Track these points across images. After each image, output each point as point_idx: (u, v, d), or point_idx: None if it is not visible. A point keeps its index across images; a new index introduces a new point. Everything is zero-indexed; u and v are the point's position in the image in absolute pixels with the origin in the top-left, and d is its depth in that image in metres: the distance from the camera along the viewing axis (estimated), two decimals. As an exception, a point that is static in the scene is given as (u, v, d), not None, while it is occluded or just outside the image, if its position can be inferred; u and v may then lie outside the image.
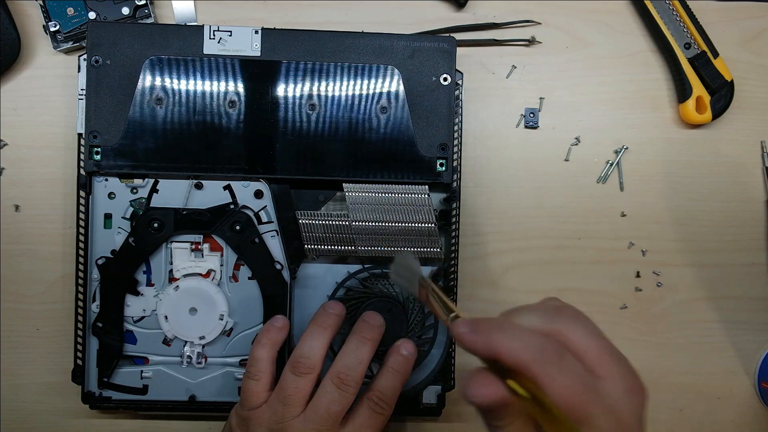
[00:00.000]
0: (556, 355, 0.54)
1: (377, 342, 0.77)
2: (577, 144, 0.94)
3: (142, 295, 0.86)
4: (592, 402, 0.53)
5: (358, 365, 0.74)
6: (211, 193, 0.85)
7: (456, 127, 0.85)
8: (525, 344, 0.54)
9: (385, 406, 0.74)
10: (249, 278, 0.86)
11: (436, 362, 0.86)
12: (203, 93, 0.83)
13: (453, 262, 0.86)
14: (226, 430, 0.79)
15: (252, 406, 0.75)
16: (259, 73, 0.84)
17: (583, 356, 0.55)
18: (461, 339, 0.56)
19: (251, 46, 0.84)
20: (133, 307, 0.85)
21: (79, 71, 0.83)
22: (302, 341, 0.77)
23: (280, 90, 0.84)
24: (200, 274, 0.86)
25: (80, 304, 0.84)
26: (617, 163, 0.94)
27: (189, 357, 0.85)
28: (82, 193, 0.84)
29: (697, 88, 0.92)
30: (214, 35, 0.83)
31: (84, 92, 0.83)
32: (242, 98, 0.83)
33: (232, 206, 0.85)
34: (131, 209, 0.85)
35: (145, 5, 0.88)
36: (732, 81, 0.93)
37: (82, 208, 0.84)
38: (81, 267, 0.84)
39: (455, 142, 0.85)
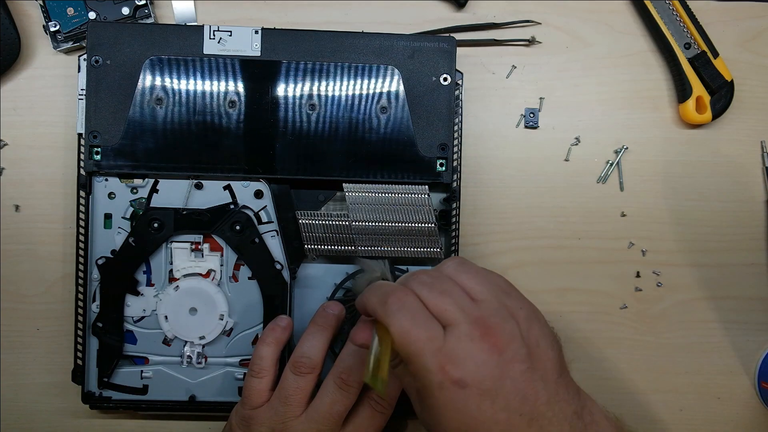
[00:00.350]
0: (397, 297, 0.64)
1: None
2: (577, 144, 0.94)
3: (142, 295, 0.86)
4: (420, 338, 0.62)
5: (359, 366, 0.74)
6: (211, 193, 0.85)
7: (456, 127, 0.85)
8: (375, 294, 0.66)
9: (386, 405, 0.75)
10: (249, 278, 0.86)
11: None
12: (203, 93, 0.83)
13: (453, 262, 0.86)
14: (227, 430, 0.79)
15: (254, 405, 0.75)
16: (259, 73, 0.84)
17: (432, 311, 0.64)
18: (356, 305, 0.70)
19: (251, 46, 0.84)
20: (133, 307, 0.85)
21: (79, 71, 0.84)
22: (302, 341, 0.77)
23: (280, 90, 0.84)
24: (200, 274, 0.86)
25: (80, 304, 0.84)
26: (617, 163, 0.94)
27: (189, 357, 0.85)
28: (82, 193, 0.84)
29: (697, 88, 0.92)
30: (214, 35, 0.84)
31: (84, 92, 0.83)
32: (242, 98, 0.83)
33: (232, 206, 0.85)
34: (131, 209, 0.85)
35: (145, 5, 0.88)
36: (732, 81, 0.93)
37: (82, 208, 0.84)
38: (81, 267, 0.84)
39: (455, 142, 0.85)
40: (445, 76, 0.84)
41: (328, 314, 0.79)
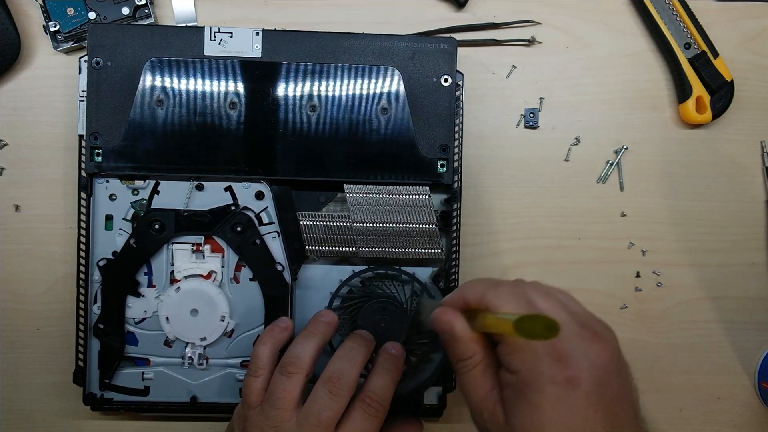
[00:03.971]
0: (509, 286, 0.65)
1: (369, 352, 0.77)
2: (577, 144, 0.94)
3: (143, 296, 0.86)
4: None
5: (350, 369, 0.73)
6: (212, 195, 0.85)
7: (456, 128, 0.85)
8: (482, 282, 0.67)
9: (378, 407, 0.73)
10: (250, 279, 0.86)
11: (437, 363, 0.86)
12: (204, 94, 0.83)
13: (454, 262, 0.86)
14: (229, 429, 0.79)
15: (250, 404, 0.74)
16: (259, 75, 0.84)
17: (540, 309, 0.63)
18: (445, 303, 0.69)
19: (252, 48, 0.84)
20: (135, 308, 0.85)
21: (79, 73, 0.83)
22: (292, 344, 0.77)
23: (281, 91, 0.84)
24: (201, 276, 0.86)
25: (81, 305, 0.84)
26: (617, 163, 0.94)
27: (190, 358, 0.85)
28: (83, 195, 0.84)
29: (697, 88, 0.92)
30: (214, 36, 0.83)
31: (85, 94, 0.83)
32: (243, 99, 0.83)
33: (233, 207, 0.85)
34: (132, 210, 0.85)
35: (145, 5, 0.88)
36: (732, 81, 0.93)
37: (83, 210, 0.84)
38: (82, 269, 0.84)
39: (456, 143, 0.85)
40: (445, 77, 0.84)
41: (320, 321, 0.78)
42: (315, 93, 0.84)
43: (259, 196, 0.85)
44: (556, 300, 0.64)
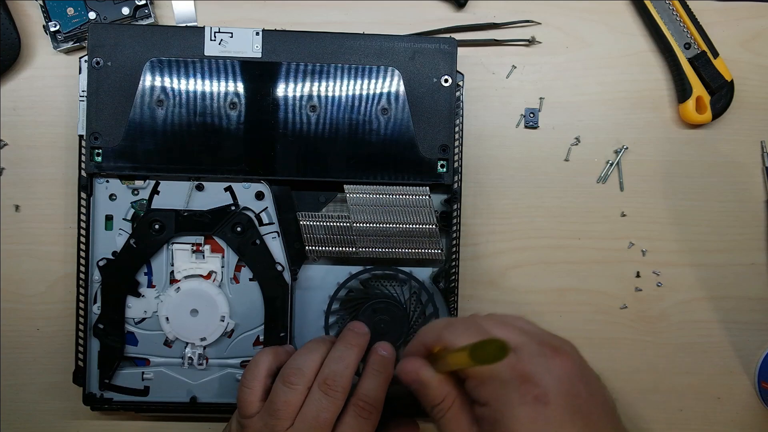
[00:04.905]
0: (463, 322, 0.66)
1: (363, 349, 0.77)
2: (577, 144, 0.94)
3: (143, 296, 0.86)
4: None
5: (344, 370, 0.73)
6: (212, 195, 0.85)
7: (457, 129, 0.85)
8: (437, 324, 0.68)
9: (371, 409, 0.73)
10: (250, 280, 0.86)
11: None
12: (204, 94, 0.83)
13: (454, 262, 0.86)
14: (227, 431, 0.79)
15: (245, 414, 0.74)
16: (259, 75, 0.84)
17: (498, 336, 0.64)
18: (407, 352, 0.71)
19: (252, 48, 0.84)
20: (134, 308, 0.86)
21: (80, 73, 0.83)
22: (296, 354, 0.76)
23: (281, 91, 0.84)
24: (201, 276, 0.86)
25: (81, 305, 0.84)
26: (617, 163, 0.94)
27: (190, 358, 0.85)
28: (83, 195, 0.84)
29: (697, 88, 0.92)
30: (215, 37, 0.83)
31: (85, 94, 0.83)
32: (243, 99, 0.83)
33: (233, 207, 0.85)
34: (132, 210, 0.85)
35: (145, 5, 0.88)
36: (732, 81, 0.93)
37: (83, 210, 0.84)
38: (82, 269, 0.84)
39: (456, 143, 0.85)
40: (446, 77, 0.84)
41: (328, 337, 0.79)
42: (315, 93, 0.84)
43: (259, 196, 0.85)
44: (511, 326, 0.66)
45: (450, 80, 0.84)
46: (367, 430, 0.72)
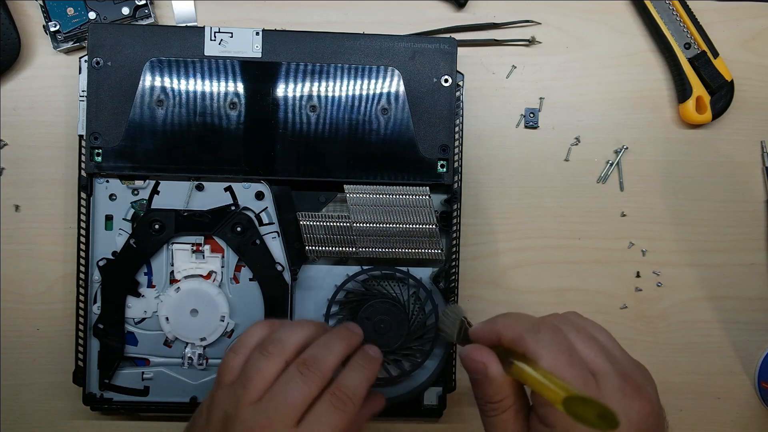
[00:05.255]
0: (550, 331, 0.60)
1: (352, 347, 0.72)
2: (577, 144, 0.94)
3: (143, 296, 0.86)
4: (578, 378, 0.57)
5: (327, 355, 0.68)
6: (212, 195, 0.85)
7: (456, 128, 0.85)
8: (520, 322, 0.62)
9: (346, 400, 0.66)
10: (250, 280, 0.87)
11: (437, 364, 0.86)
12: (204, 94, 0.83)
13: (454, 262, 0.86)
14: (197, 413, 0.72)
15: (221, 383, 0.69)
16: (259, 75, 0.84)
17: (582, 357, 0.60)
18: (474, 334, 0.66)
19: (252, 48, 0.84)
20: (134, 308, 0.86)
21: (80, 73, 0.83)
22: (282, 327, 0.72)
23: (281, 91, 0.84)
24: (201, 276, 0.86)
25: (81, 305, 0.84)
26: (617, 163, 0.94)
27: (190, 358, 0.85)
28: (83, 195, 0.84)
29: (697, 88, 0.92)
30: (215, 37, 0.83)
31: (85, 94, 0.83)
32: (243, 99, 0.83)
33: (233, 207, 0.85)
34: (132, 210, 0.86)
35: (145, 5, 0.88)
36: (732, 81, 0.93)
37: (83, 210, 0.84)
38: (82, 268, 0.84)
39: (456, 143, 0.85)
40: (446, 77, 0.84)
41: (323, 324, 0.75)
42: (315, 93, 0.84)
43: (259, 196, 0.85)
44: (598, 345, 0.61)
45: (450, 80, 0.84)
46: (339, 425, 0.65)
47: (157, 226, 0.84)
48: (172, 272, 0.86)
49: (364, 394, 0.69)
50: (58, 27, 0.87)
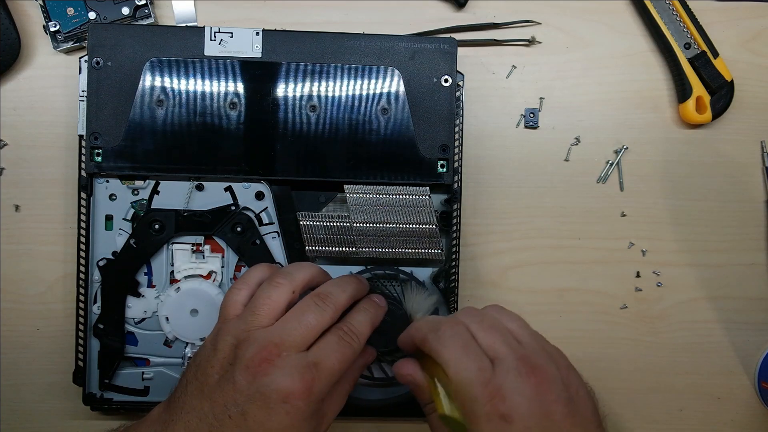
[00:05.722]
0: (449, 326, 0.67)
1: (361, 290, 0.77)
2: (577, 144, 0.94)
3: (143, 296, 0.86)
4: (472, 366, 0.64)
5: (341, 293, 0.73)
6: (212, 195, 0.85)
7: (456, 128, 0.85)
8: (426, 323, 0.70)
9: (353, 336, 0.71)
10: (250, 280, 0.86)
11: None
12: (204, 94, 0.83)
13: (454, 263, 0.86)
14: (200, 348, 0.74)
15: (226, 316, 0.72)
16: (259, 75, 0.84)
17: (481, 344, 0.67)
18: (399, 342, 0.75)
19: (252, 48, 0.84)
20: (134, 308, 0.86)
21: (80, 73, 0.83)
22: (287, 266, 0.77)
23: (281, 91, 0.84)
24: (201, 276, 0.86)
25: (81, 305, 0.84)
26: (617, 163, 0.94)
27: (190, 358, 0.85)
28: (83, 195, 0.84)
29: (697, 88, 0.92)
30: (215, 37, 0.83)
31: (85, 94, 0.83)
32: (243, 99, 0.83)
33: (233, 207, 0.85)
34: (132, 210, 0.86)
35: (145, 5, 0.88)
36: (732, 81, 0.93)
37: (83, 210, 0.84)
38: (82, 269, 0.84)
39: (456, 143, 0.85)
40: (446, 77, 0.84)
41: (325, 271, 0.78)
42: (315, 93, 0.84)
43: (259, 196, 0.86)
44: (499, 332, 0.67)
45: (450, 80, 0.84)
46: (345, 354, 0.69)
47: (157, 226, 0.84)
48: (172, 272, 0.86)
49: (368, 334, 0.73)
50: (58, 27, 0.87)
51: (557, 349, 0.69)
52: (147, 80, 0.82)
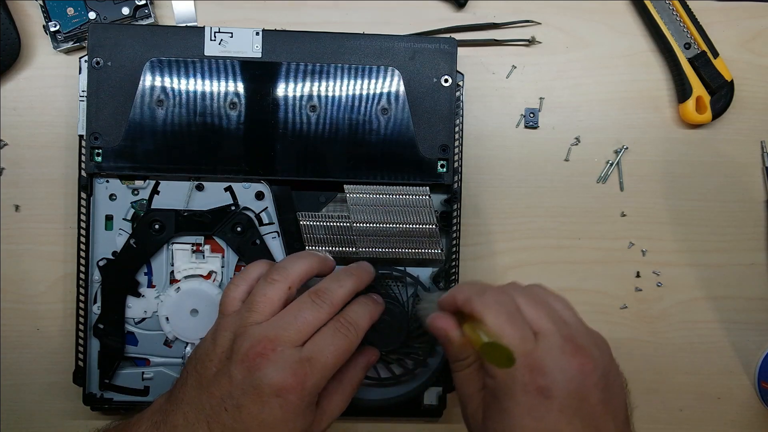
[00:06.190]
0: (495, 293, 0.67)
1: (362, 283, 0.76)
2: (577, 144, 0.94)
3: (143, 296, 0.86)
4: (516, 334, 0.63)
5: (338, 288, 0.73)
6: (212, 195, 0.85)
7: (456, 128, 0.85)
8: (472, 286, 0.68)
9: (350, 327, 0.71)
10: (250, 279, 0.86)
11: (435, 365, 0.86)
12: (204, 94, 0.83)
13: (454, 262, 0.86)
14: (200, 342, 0.75)
15: (224, 312, 0.73)
16: (259, 75, 0.84)
17: (526, 317, 0.66)
18: (440, 303, 0.72)
19: (252, 48, 0.84)
20: (135, 308, 0.86)
21: (80, 73, 0.83)
22: (284, 258, 0.77)
23: (281, 91, 0.84)
24: (201, 276, 0.86)
25: (81, 305, 0.84)
26: (617, 163, 0.94)
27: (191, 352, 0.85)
28: (83, 195, 0.84)
29: (697, 88, 0.92)
30: (215, 37, 0.83)
31: (85, 94, 0.83)
32: (243, 99, 0.83)
33: (233, 207, 0.85)
34: (132, 210, 0.86)
35: (145, 5, 0.88)
36: (732, 81, 0.93)
37: (83, 210, 0.84)
38: (82, 268, 0.84)
39: (456, 143, 0.85)
40: (446, 77, 0.84)
41: (326, 256, 0.78)
42: (315, 93, 0.84)
43: (259, 196, 0.86)
44: (546, 308, 0.67)
45: (450, 80, 0.84)
46: (340, 346, 0.70)
47: (157, 226, 0.84)
48: (172, 272, 0.86)
49: (365, 327, 0.73)
50: (58, 27, 0.87)
51: (601, 336, 0.68)
52: (147, 80, 0.82)
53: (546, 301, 0.68)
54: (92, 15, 0.87)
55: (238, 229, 0.85)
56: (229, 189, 0.85)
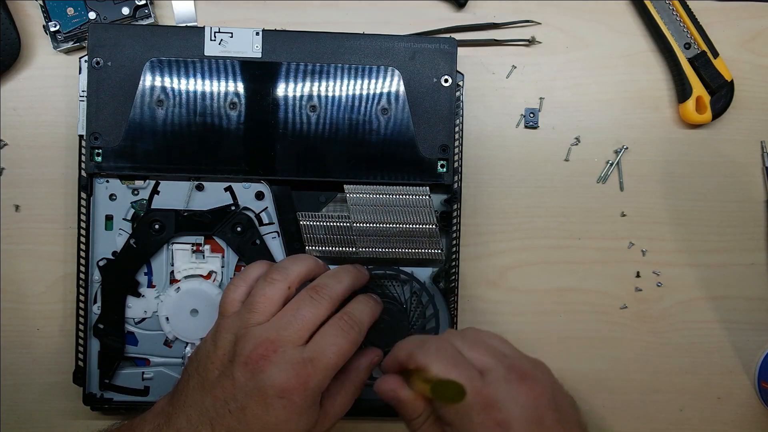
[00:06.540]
0: (435, 342, 0.68)
1: (358, 280, 0.78)
2: (577, 144, 0.94)
3: (143, 296, 0.86)
4: (463, 376, 0.64)
5: (336, 284, 0.74)
6: (212, 195, 0.85)
7: (456, 128, 0.85)
8: (411, 342, 0.70)
9: (352, 324, 0.72)
10: (250, 279, 0.86)
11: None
12: (204, 94, 0.83)
13: (454, 263, 0.86)
14: (200, 343, 0.75)
15: (225, 313, 0.74)
16: (259, 75, 0.84)
17: (468, 358, 0.67)
18: (383, 366, 0.74)
19: (252, 48, 0.84)
20: (135, 308, 0.86)
21: (80, 73, 0.83)
22: (283, 259, 0.78)
23: (281, 91, 0.84)
24: (201, 276, 0.86)
25: (81, 305, 0.84)
26: (617, 163, 0.94)
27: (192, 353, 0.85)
28: (83, 195, 0.84)
29: (697, 88, 0.92)
30: (215, 37, 0.83)
31: (85, 94, 0.83)
32: (243, 99, 0.83)
33: (233, 208, 0.85)
34: (132, 210, 0.86)
35: (145, 5, 0.88)
36: (732, 81, 0.93)
37: (83, 210, 0.84)
38: (82, 269, 0.84)
39: (456, 143, 0.85)
40: (446, 77, 0.84)
41: (323, 263, 0.78)
42: (315, 93, 0.84)
43: (259, 196, 0.86)
44: (483, 346, 0.68)
45: (450, 80, 0.84)
46: (343, 344, 0.70)
47: (157, 226, 0.84)
48: (172, 272, 0.86)
49: (367, 324, 0.75)
50: (58, 27, 0.87)
51: (540, 361, 0.70)
52: (147, 80, 0.82)
53: (482, 341, 0.70)
54: (92, 15, 0.87)
55: (238, 229, 0.85)
56: (229, 189, 0.85)
